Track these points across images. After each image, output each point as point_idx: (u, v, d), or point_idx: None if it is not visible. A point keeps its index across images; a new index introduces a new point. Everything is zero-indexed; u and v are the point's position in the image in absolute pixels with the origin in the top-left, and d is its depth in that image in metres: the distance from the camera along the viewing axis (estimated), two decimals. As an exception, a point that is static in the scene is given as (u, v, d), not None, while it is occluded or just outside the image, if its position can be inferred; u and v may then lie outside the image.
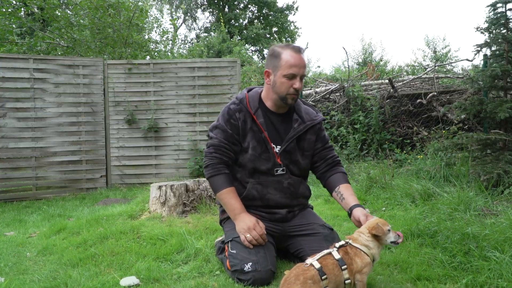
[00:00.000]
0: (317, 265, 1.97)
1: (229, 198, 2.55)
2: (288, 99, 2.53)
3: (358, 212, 2.34)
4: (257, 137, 2.57)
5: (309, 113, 2.69)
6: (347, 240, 2.13)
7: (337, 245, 2.11)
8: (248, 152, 2.57)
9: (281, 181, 2.61)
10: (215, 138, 2.58)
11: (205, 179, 4.26)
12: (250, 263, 2.34)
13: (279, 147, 2.59)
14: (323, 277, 1.94)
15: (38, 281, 2.55)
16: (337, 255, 2.03)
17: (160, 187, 3.99)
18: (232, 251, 2.45)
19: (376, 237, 2.11)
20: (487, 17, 4.52)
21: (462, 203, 3.40)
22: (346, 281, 2.00)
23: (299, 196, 2.70)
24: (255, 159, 2.56)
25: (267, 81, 2.61)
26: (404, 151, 6.19)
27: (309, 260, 2.02)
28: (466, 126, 6.13)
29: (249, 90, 2.73)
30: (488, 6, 4.40)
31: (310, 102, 7.72)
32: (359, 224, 2.29)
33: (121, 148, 7.54)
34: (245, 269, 2.33)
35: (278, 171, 2.60)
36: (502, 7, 4.32)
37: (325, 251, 2.07)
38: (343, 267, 2.00)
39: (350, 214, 2.42)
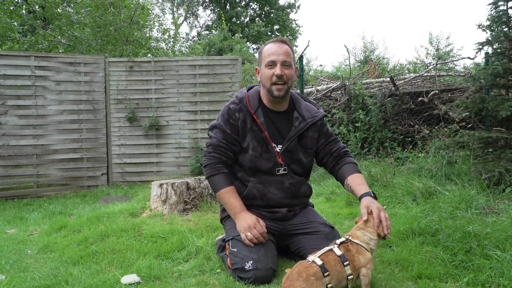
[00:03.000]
0: (319, 262, 1.97)
1: (229, 197, 2.55)
2: (274, 91, 2.50)
3: (362, 203, 2.29)
4: (257, 137, 2.55)
5: (309, 109, 2.67)
6: (347, 237, 2.13)
7: (337, 241, 2.12)
8: (249, 152, 2.55)
9: (282, 181, 2.59)
10: (214, 137, 2.58)
11: (206, 177, 4.26)
12: (251, 262, 2.33)
13: (280, 146, 2.57)
14: (325, 274, 1.94)
15: (38, 279, 2.55)
16: (338, 252, 2.04)
17: (161, 185, 3.99)
18: (232, 250, 2.45)
19: (379, 236, 2.12)
20: (489, 15, 4.50)
21: (463, 202, 3.39)
22: (349, 277, 2.01)
23: (300, 195, 2.68)
24: (255, 159, 2.55)
25: (258, 79, 2.63)
26: (406, 150, 6.18)
27: (310, 257, 2.02)
28: (469, 125, 6.12)
29: (249, 89, 2.71)
30: (489, 4, 4.38)
31: (311, 100, 7.71)
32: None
33: (122, 146, 7.55)
34: (246, 267, 2.32)
35: (280, 171, 2.58)
36: (503, 5, 4.30)
37: (326, 248, 2.08)
38: (345, 263, 2.00)
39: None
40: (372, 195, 2.35)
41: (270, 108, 2.62)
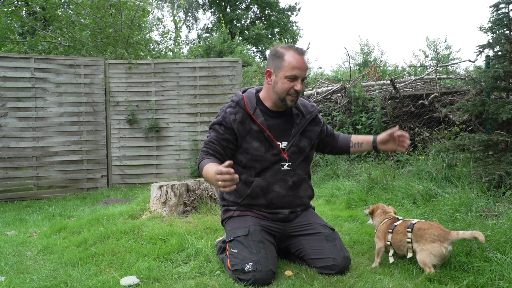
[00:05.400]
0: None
1: (207, 165, 2.35)
2: (288, 101, 2.55)
3: (381, 135, 2.68)
4: (259, 137, 2.58)
5: (305, 105, 2.77)
6: None
7: None
8: (250, 153, 2.57)
9: (286, 179, 2.62)
10: (208, 136, 2.63)
11: (206, 179, 4.25)
12: (251, 263, 2.34)
13: (285, 143, 2.62)
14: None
15: (38, 280, 2.55)
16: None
17: (161, 187, 3.99)
18: (233, 251, 2.45)
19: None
20: (490, 18, 4.51)
21: (463, 204, 3.39)
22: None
23: (302, 195, 2.70)
24: (260, 158, 2.58)
25: (267, 81, 2.61)
26: (406, 152, 6.17)
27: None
28: (469, 128, 6.12)
29: (243, 92, 2.74)
30: (490, 7, 4.39)
31: (312, 102, 7.70)
32: (389, 135, 2.63)
33: (122, 148, 7.54)
34: (245, 268, 2.33)
35: (284, 166, 2.61)
36: (505, 7, 4.30)
37: None
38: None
39: (376, 146, 2.73)
40: None
41: (271, 109, 2.65)
